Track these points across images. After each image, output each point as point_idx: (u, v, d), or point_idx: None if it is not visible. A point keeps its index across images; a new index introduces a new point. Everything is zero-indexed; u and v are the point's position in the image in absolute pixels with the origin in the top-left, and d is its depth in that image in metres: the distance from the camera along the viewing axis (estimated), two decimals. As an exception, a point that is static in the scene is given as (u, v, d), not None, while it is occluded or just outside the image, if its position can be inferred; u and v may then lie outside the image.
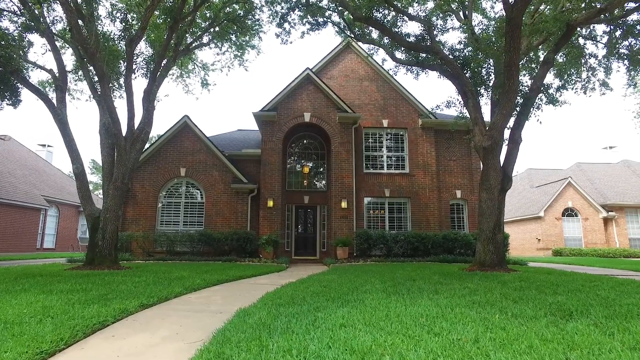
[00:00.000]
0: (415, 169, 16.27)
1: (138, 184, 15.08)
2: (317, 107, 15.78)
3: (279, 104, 15.69)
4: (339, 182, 15.14)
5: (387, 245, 14.09)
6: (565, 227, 23.62)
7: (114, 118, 9.06)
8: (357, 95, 17.00)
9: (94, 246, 8.62)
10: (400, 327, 3.67)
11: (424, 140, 16.55)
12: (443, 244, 14.10)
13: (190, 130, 15.68)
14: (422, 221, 15.76)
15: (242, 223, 14.86)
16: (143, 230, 14.49)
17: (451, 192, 16.43)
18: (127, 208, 14.85)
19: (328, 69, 17.26)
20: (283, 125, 15.51)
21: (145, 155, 15.22)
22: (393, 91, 17.11)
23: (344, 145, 15.49)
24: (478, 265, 9.30)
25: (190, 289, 6.19)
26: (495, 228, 9.24)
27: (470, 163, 16.78)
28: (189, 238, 13.73)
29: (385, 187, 15.98)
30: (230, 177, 15.28)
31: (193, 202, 15.31)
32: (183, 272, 8.02)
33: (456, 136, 17.00)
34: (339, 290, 5.83)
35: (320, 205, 16.37)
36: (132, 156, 9.79)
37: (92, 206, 9.21)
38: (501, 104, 8.96)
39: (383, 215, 15.95)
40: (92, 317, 4.02)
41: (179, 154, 15.46)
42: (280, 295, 5.48)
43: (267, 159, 15.13)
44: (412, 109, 16.92)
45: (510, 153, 9.64)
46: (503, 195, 9.43)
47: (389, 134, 16.80)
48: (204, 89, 17.92)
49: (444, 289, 6.00)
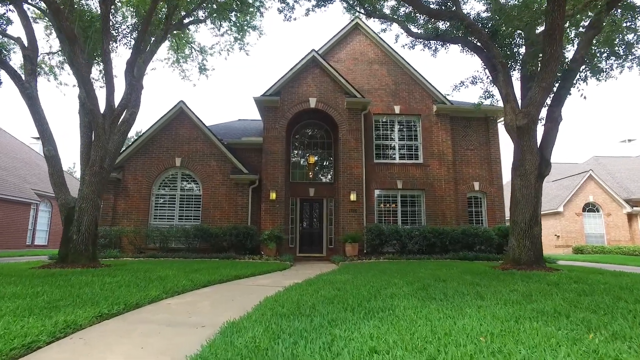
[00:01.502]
0: (429, 159, 15.00)
1: (130, 174, 13.93)
2: (324, 92, 14.53)
3: (282, 88, 14.47)
4: (347, 172, 13.90)
5: (400, 241, 12.85)
6: (586, 223, 22.25)
7: (89, 91, 7.78)
8: (366, 79, 15.74)
9: (68, 241, 7.44)
10: (461, 355, 2.46)
11: (439, 128, 15.26)
12: (462, 240, 12.84)
13: (186, 117, 14.50)
14: (437, 215, 14.50)
15: (242, 217, 13.66)
16: (135, 224, 13.35)
17: (468, 184, 15.15)
18: (118, 201, 13.71)
19: (335, 51, 16.00)
20: (286, 111, 14.29)
21: (137, 144, 14.07)
22: (405, 75, 15.82)
23: (352, 132, 14.24)
24: (512, 262, 8.04)
25: (171, 292, 5.00)
26: (531, 220, 7.98)
27: (488, 153, 15.49)
28: (184, 233, 12.56)
29: (397, 178, 14.73)
30: (230, 168, 14.09)
31: (189, 194, 14.14)
32: (169, 271, 6.83)
33: (473, 124, 15.72)
34: (358, 294, 4.61)
35: (327, 198, 15.15)
36: (116, 139, 8.60)
37: (67, 195, 8.04)
38: (540, 76, 7.67)
39: (395, 208, 14.70)
40: (15, 337, 2.83)
41: (174, 143, 14.29)
42: (283, 301, 4.27)
43: (270, 148, 13.92)
44: (426, 94, 15.63)
45: (548, 133, 8.34)
46: (540, 182, 8.15)
47: (401, 121, 15.53)
48: (202, 74, 16.77)
49: (487, 293, 4.77)
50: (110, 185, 13.72)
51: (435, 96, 15.55)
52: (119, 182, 13.82)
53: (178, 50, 16.11)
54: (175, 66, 16.54)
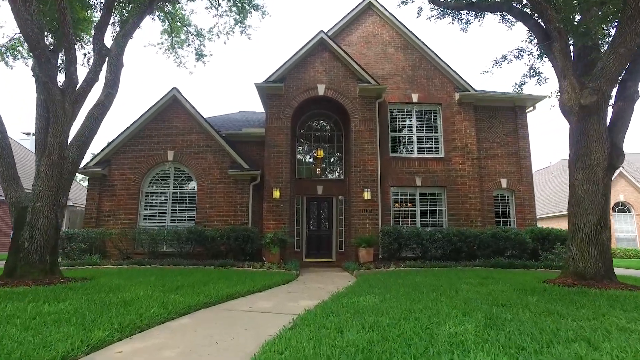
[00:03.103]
0: (451, 153, 13.40)
1: (117, 170, 12.45)
2: (333, 78, 12.97)
3: (287, 73, 12.92)
4: (360, 167, 12.33)
5: (422, 245, 11.26)
6: (616, 225, 20.49)
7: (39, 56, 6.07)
8: (380, 64, 14.15)
9: (18, 249, 5.92)
10: None
11: (462, 118, 13.64)
12: (492, 244, 11.23)
13: (179, 106, 12.99)
14: (460, 216, 12.90)
15: (242, 218, 12.14)
16: (123, 226, 11.87)
17: (495, 181, 13.52)
18: (103, 200, 12.24)
19: (346, 33, 14.42)
20: (292, 99, 12.74)
21: (125, 136, 12.58)
22: (424, 60, 14.21)
23: (366, 123, 12.67)
24: (573, 276, 6.44)
25: (129, 328, 3.46)
26: (599, 223, 6.38)
27: (517, 146, 13.85)
28: (176, 236, 11.05)
29: (415, 174, 13.13)
30: (228, 162, 12.57)
31: (183, 192, 12.63)
32: (142, 289, 5.29)
33: (500, 114, 14.09)
34: (403, 339, 3.04)
35: (337, 197, 13.59)
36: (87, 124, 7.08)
37: (20, 191, 6.51)
38: (617, 39, 6.07)
39: (413, 208, 13.11)
40: None
41: (166, 135, 12.78)
42: (291, 354, 2.72)
43: (273, 140, 12.38)
44: (447, 81, 14.01)
45: (620, 115, 6.72)
46: (610, 175, 6.53)
47: (420, 110, 13.92)
48: (199, 61, 15.31)
49: (595, 335, 3.19)
50: (95, 183, 12.28)
51: (458, 83, 13.94)
52: (104, 179, 12.35)
53: (172, 33, 14.64)
54: (169, 53, 15.10)
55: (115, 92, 7.86)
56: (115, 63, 7.89)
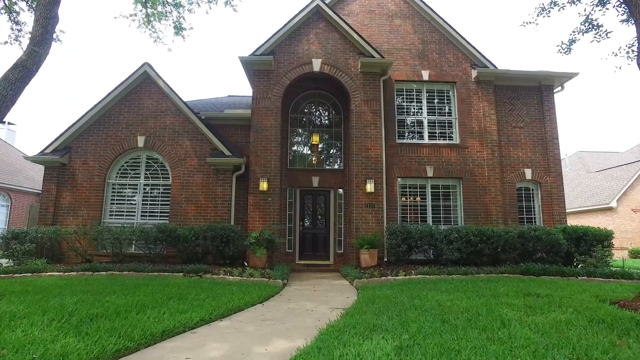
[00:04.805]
0: (468, 139, 11.55)
1: (78, 158, 10.67)
2: (331, 52, 11.12)
3: (277, 46, 11.08)
4: (362, 155, 10.52)
5: (435, 246, 9.47)
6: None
7: None
8: (385, 37, 12.26)
9: None
10: None
11: (480, 99, 11.78)
12: (518, 246, 9.43)
13: (152, 84, 11.16)
14: (478, 212, 11.09)
15: (223, 214, 10.35)
16: (85, 223, 10.13)
17: (518, 172, 11.68)
18: (62, 193, 10.47)
19: (345, 2, 12.51)
20: (283, 76, 10.90)
21: (88, 118, 10.77)
22: (436, 32, 12.32)
23: (369, 103, 10.83)
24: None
25: None
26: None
27: (543, 131, 11.99)
28: (143, 235, 9.27)
29: (426, 163, 11.30)
30: (208, 149, 10.77)
31: (155, 184, 10.84)
32: (28, 327, 3.51)
33: (522, 94, 12.20)
34: None
35: (336, 190, 11.79)
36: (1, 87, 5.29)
37: None
38: None
39: (424, 202, 11.30)
40: None
41: (136, 117, 10.97)
42: None
43: (260, 123, 10.57)
44: (463, 56, 12.13)
45: None
46: None
47: (431, 90, 12.05)
48: (178, 35, 13.51)
49: None
50: (53, 173, 10.51)
51: (475, 58, 12.05)
52: (64, 169, 10.57)
53: (148, 3, 12.81)
54: (145, 27, 13.30)
55: (44, 52, 6.06)
56: (46, 14, 6.08)
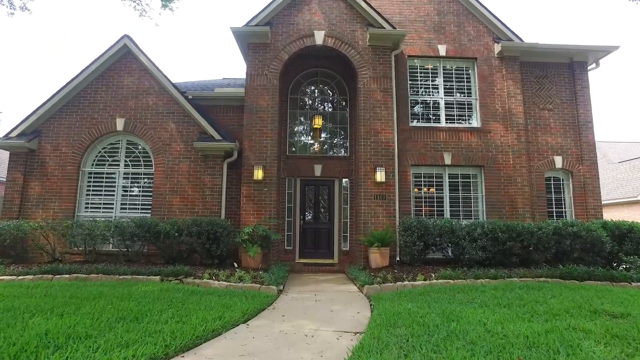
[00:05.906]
0: (490, 122, 10.19)
1: (49, 144, 9.41)
2: (336, 23, 9.75)
3: (274, 16, 9.73)
4: (371, 139, 9.20)
5: (456, 244, 8.16)
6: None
7: None
8: (397, 7, 10.86)
9: None
10: None
11: (504, 77, 10.39)
12: (554, 244, 8.09)
13: (133, 60, 9.84)
14: (503, 204, 9.76)
15: (212, 206, 9.08)
16: (56, 216, 8.90)
17: (547, 159, 10.31)
18: (30, 182, 9.22)
19: (352, -32, 11.10)
20: (281, 50, 9.56)
21: (60, 97, 9.49)
22: (454, 1, 10.89)
23: (378, 81, 9.48)
24: None
25: None
26: None
27: (575, 114, 10.59)
28: (118, 231, 8.02)
29: (444, 149, 9.96)
30: (196, 132, 9.47)
31: (136, 172, 9.57)
32: None
33: (552, 72, 10.79)
34: None
35: (340, 179, 10.48)
36: None
37: None
38: None
39: (441, 194, 9.97)
40: None
41: (115, 97, 9.67)
42: None
43: (255, 103, 9.25)
44: (484, 29, 10.72)
45: None
46: None
47: (449, 67, 10.66)
48: (166, 8, 12.16)
49: None
50: (19, 160, 9.26)
51: (499, 31, 10.64)
52: (32, 155, 9.33)
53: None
54: None
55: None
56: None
